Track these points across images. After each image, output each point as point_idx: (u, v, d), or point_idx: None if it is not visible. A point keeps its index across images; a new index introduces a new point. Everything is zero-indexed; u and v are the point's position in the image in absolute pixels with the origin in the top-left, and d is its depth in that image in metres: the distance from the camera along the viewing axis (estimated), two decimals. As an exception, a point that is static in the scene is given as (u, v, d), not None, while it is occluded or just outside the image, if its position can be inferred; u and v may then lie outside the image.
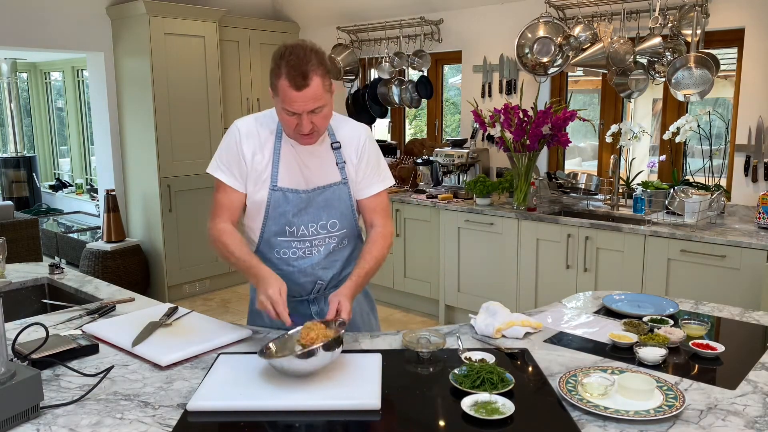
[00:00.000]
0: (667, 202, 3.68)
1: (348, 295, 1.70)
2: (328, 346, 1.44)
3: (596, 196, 4.24)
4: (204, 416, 1.36)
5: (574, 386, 1.43)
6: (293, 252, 1.86)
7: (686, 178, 4.00)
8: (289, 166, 1.80)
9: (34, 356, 1.53)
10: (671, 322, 1.86)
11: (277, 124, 1.81)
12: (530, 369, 1.59)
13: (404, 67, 5.17)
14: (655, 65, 3.82)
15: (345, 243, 1.92)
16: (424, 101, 5.26)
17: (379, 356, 1.60)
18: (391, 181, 1.96)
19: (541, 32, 4.20)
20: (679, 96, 3.65)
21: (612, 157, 4.13)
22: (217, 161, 1.83)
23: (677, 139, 3.64)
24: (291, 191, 1.80)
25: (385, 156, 2.03)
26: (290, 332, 1.61)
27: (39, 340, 1.53)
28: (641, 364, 1.59)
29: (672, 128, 3.66)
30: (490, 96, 4.75)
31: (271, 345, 1.56)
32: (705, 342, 1.69)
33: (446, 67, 5.41)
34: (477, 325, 1.83)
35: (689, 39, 3.65)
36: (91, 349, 1.68)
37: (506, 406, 1.33)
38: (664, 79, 3.78)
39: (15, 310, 2.29)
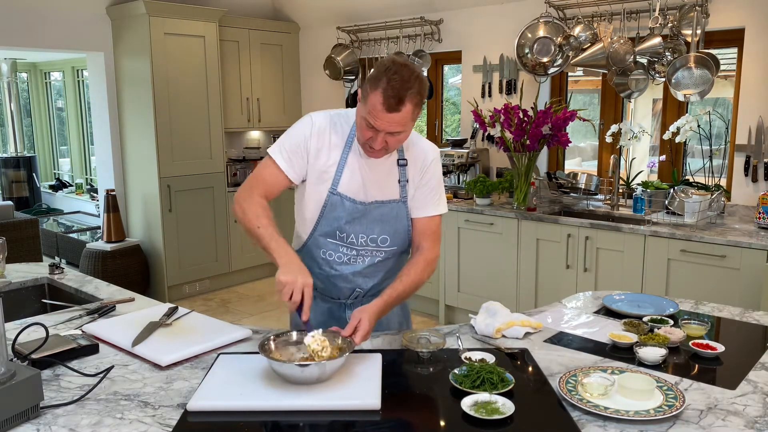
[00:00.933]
0: (667, 202, 3.68)
1: (371, 314, 1.65)
2: (328, 364, 1.43)
3: (596, 196, 4.24)
4: (204, 416, 1.36)
5: (574, 386, 1.43)
6: (339, 256, 1.84)
7: (686, 178, 4.00)
8: (352, 173, 1.78)
9: (34, 356, 1.53)
10: (671, 322, 1.86)
11: (351, 129, 1.78)
12: (530, 369, 1.59)
13: (404, 67, 5.16)
14: (655, 65, 3.82)
15: (392, 257, 1.89)
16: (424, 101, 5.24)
17: (379, 356, 1.60)
18: (446, 209, 1.91)
19: (541, 32, 4.20)
20: (679, 96, 3.65)
21: (612, 157, 4.13)
22: (279, 145, 1.80)
23: (677, 139, 3.64)
24: (349, 199, 1.78)
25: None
26: (293, 333, 1.60)
27: (39, 340, 1.53)
28: (641, 364, 1.59)
29: (672, 128, 3.66)
30: (490, 96, 4.75)
31: (271, 342, 1.56)
32: (705, 342, 1.69)
33: (446, 67, 5.41)
34: (477, 325, 1.83)
35: (689, 39, 3.65)
36: (91, 349, 1.68)
37: (506, 406, 1.33)
38: (664, 79, 3.78)
39: (15, 310, 2.29)
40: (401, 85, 1.58)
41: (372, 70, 1.65)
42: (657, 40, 3.71)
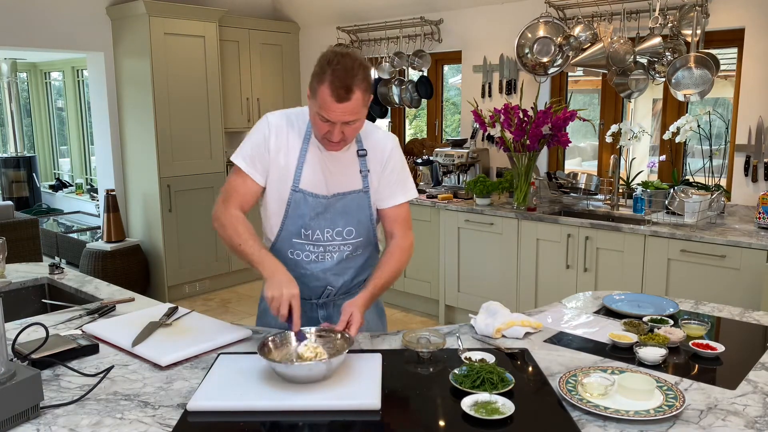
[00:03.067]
0: (667, 202, 3.68)
1: (361, 305, 1.68)
2: (329, 362, 1.44)
3: (596, 196, 4.24)
4: (204, 416, 1.36)
5: (574, 386, 1.43)
6: (306, 255, 1.85)
7: (686, 178, 4.00)
8: (313, 168, 1.79)
9: (34, 356, 1.53)
10: (671, 322, 1.86)
11: (307, 125, 1.80)
12: (530, 369, 1.59)
13: (404, 67, 5.17)
14: (655, 65, 3.82)
15: (359, 251, 1.90)
16: (424, 101, 5.26)
17: (379, 356, 1.60)
18: (415, 194, 1.93)
19: (541, 32, 4.20)
20: (679, 96, 3.65)
21: (612, 157, 4.13)
22: (242, 150, 1.82)
23: (677, 139, 3.64)
24: (311, 195, 1.79)
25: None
26: (291, 333, 1.61)
27: (39, 340, 1.53)
28: (641, 364, 1.59)
29: (672, 128, 3.66)
30: (490, 96, 4.75)
31: (270, 343, 1.56)
32: (705, 342, 1.68)
33: (446, 67, 5.41)
34: (477, 325, 1.83)
35: (689, 39, 3.65)
36: (91, 349, 1.68)
37: (506, 406, 1.33)
38: (664, 79, 3.78)
39: (15, 310, 2.28)
40: (346, 74, 1.59)
41: (315, 65, 1.66)
42: (657, 40, 3.71)
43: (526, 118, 4.04)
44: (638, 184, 4.01)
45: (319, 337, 1.61)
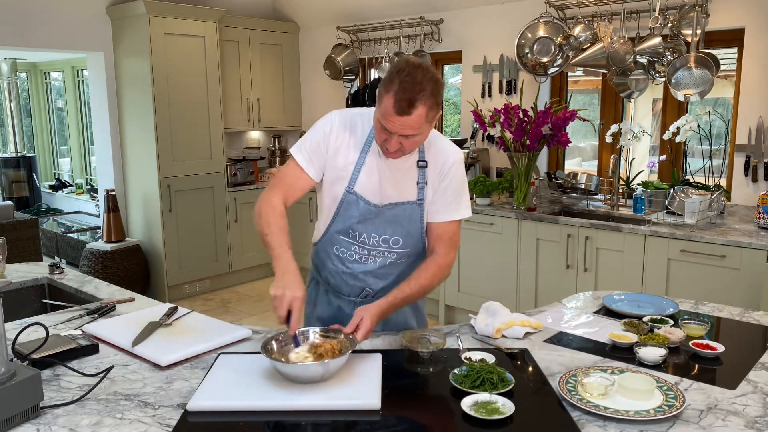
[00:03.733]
0: (667, 202, 3.68)
1: (374, 313, 1.64)
2: (332, 362, 1.44)
3: (596, 196, 4.23)
4: (204, 416, 1.36)
5: (574, 386, 1.43)
6: (350, 254, 1.85)
7: (686, 178, 4.00)
8: (370, 174, 1.77)
9: (34, 356, 1.53)
10: (671, 322, 1.86)
11: (371, 128, 1.77)
12: (530, 369, 1.59)
13: (404, 67, 5.16)
14: (655, 65, 3.82)
15: (404, 260, 1.88)
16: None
17: (379, 356, 1.60)
18: (468, 214, 1.87)
19: (541, 32, 4.20)
20: (679, 96, 3.65)
21: (612, 157, 4.13)
22: (300, 143, 1.81)
23: (677, 139, 3.64)
24: (363, 200, 1.78)
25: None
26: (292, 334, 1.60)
27: (39, 340, 1.53)
28: (641, 364, 1.59)
29: (672, 128, 3.66)
30: (490, 96, 4.75)
31: (273, 343, 1.55)
32: (705, 342, 1.69)
33: (446, 67, 5.41)
34: (477, 325, 1.83)
35: (689, 39, 3.65)
36: (91, 349, 1.68)
37: (506, 406, 1.33)
38: (664, 79, 3.78)
39: (15, 310, 2.28)
40: (412, 87, 1.55)
41: (387, 70, 1.63)
42: (657, 40, 3.71)
43: (526, 118, 4.04)
44: (638, 184, 4.01)
45: (325, 337, 1.61)
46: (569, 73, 4.60)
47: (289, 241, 1.71)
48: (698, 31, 3.61)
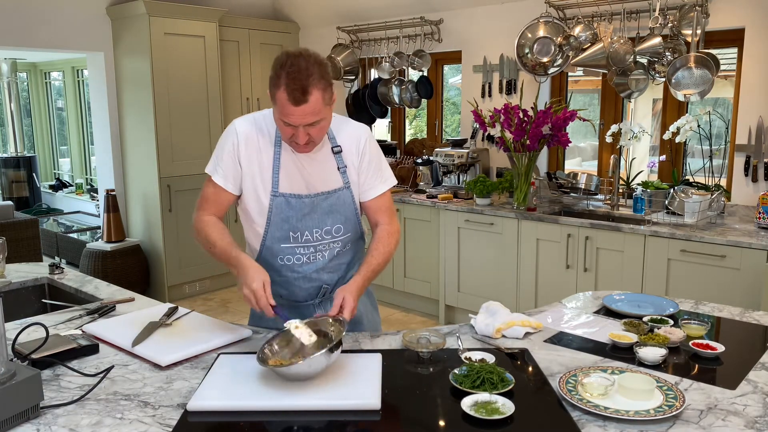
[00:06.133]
0: (667, 202, 3.68)
1: (354, 290, 1.68)
2: (327, 353, 1.43)
3: (596, 196, 4.24)
4: (204, 416, 1.36)
5: (574, 386, 1.43)
6: (297, 258, 1.84)
7: (686, 178, 4.00)
8: (289, 171, 1.78)
9: (34, 356, 1.53)
10: (671, 322, 1.86)
11: (276, 128, 1.78)
12: (530, 369, 1.59)
13: (404, 67, 5.17)
14: (655, 65, 3.82)
15: (348, 246, 1.91)
16: (424, 101, 5.26)
17: (379, 356, 1.60)
18: (394, 181, 1.93)
19: (541, 32, 4.20)
20: (679, 96, 3.65)
21: (612, 157, 4.13)
22: (213, 160, 1.84)
23: (677, 139, 3.64)
24: (293, 196, 1.78)
25: (385, 156, 2.02)
26: (284, 332, 1.59)
27: (39, 340, 1.53)
28: (641, 364, 1.59)
29: (672, 128, 3.66)
30: (490, 96, 4.75)
31: (266, 350, 1.54)
32: (705, 342, 1.68)
33: (446, 67, 5.41)
34: (477, 325, 1.83)
35: (689, 39, 3.65)
36: (91, 349, 1.68)
37: (506, 406, 1.33)
38: (664, 79, 3.78)
39: (15, 310, 2.28)
40: (300, 74, 1.57)
41: (270, 70, 1.64)
42: (657, 40, 3.71)
43: (526, 118, 4.04)
44: (638, 184, 4.01)
45: (312, 322, 1.61)
46: (569, 73, 4.60)
47: (234, 241, 1.76)
48: (698, 31, 3.61)
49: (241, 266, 1.68)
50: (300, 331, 1.55)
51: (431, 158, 4.82)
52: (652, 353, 1.59)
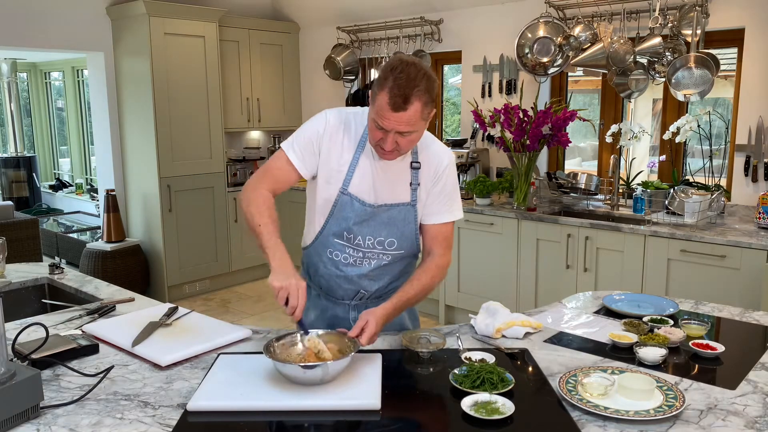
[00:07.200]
0: (667, 202, 3.68)
1: (379, 317, 1.64)
2: (333, 365, 1.43)
3: (596, 196, 4.23)
4: (204, 416, 1.36)
5: (574, 386, 1.43)
6: (345, 257, 1.83)
7: (686, 178, 4.00)
8: (363, 174, 1.77)
9: (34, 356, 1.53)
10: (671, 322, 1.86)
11: (364, 129, 1.76)
12: (530, 369, 1.59)
13: (404, 67, 5.16)
14: (655, 65, 3.82)
15: (399, 262, 1.88)
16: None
17: (379, 356, 1.60)
18: (461, 215, 1.88)
19: (541, 32, 4.20)
20: (679, 96, 3.65)
21: (612, 157, 4.13)
22: (292, 139, 1.79)
23: (677, 139, 3.64)
24: (358, 200, 1.77)
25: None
26: (296, 334, 1.59)
27: (39, 340, 1.53)
28: (641, 364, 1.59)
29: (672, 128, 3.66)
30: (490, 96, 4.75)
31: (276, 344, 1.54)
32: (705, 342, 1.69)
33: (446, 67, 5.41)
34: (477, 325, 1.83)
35: (689, 39, 3.65)
36: (91, 349, 1.68)
37: (506, 406, 1.33)
38: (664, 79, 3.78)
39: (15, 310, 2.28)
40: (407, 83, 1.56)
41: (380, 70, 1.63)
42: (657, 40, 3.71)
43: (526, 118, 4.04)
44: (638, 184, 4.01)
45: (330, 334, 1.61)
46: (569, 73, 4.60)
47: (278, 231, 1.70)
48: (698, 31, 3.61)
49: (281, 262, 1.62)
50: (315, 342, 1.54)
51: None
52: (652, 353, 1.59)
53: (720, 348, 1.64)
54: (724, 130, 3.82)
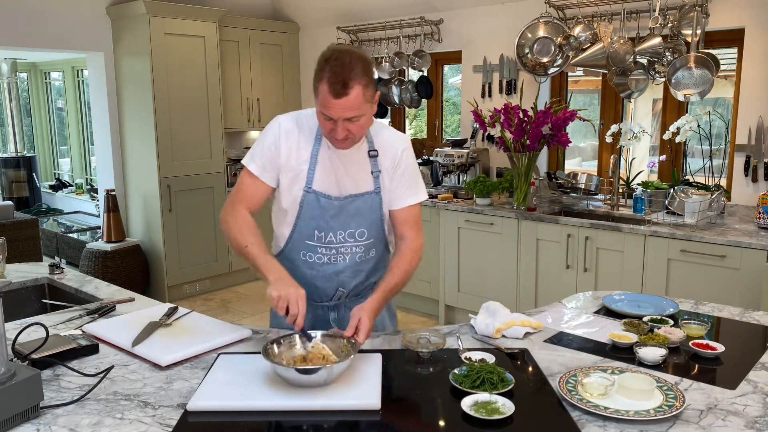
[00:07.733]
0: (667, 202, 3.68)
1: (371, 311, 1.65)
2: (336, 367, 1.43)
3: (596, 196, 4.23)
4: (204, 416, 1.36)
5: (574, 386, 1.43)
6: (318, 257, 1.84)
7: (686, 178, 4.00)
8: (325, 170, 1.79)
9: (34, 356, 1.53)
10: (671, 322, 1.86)
11: (318, 125, 1.79)
12: (530, 369, 1.59)
13: (404, 67, 5.17)
14: (655, 65, 3.82)
15: (372, 253, 1.89)
16: (424, 101, 5.26)
17: (379, 356, 1.60)
18: (425, 196, 1.91)
19: (541, 32, 4.20)
20: (679, 96, 3.65)
21: (612, 157, 4.13)
22: (253, 153, 1.82)
23: (677, 139, 3.64)
24: (324, 196, 1.78)
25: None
26: (295, 336, 1.59)
27: (39, 340, 1.53)
28: (641, 364, 1.59)
29: (672, 128, 3.66)
30: (490, 96, 4.75)
31: (274, 346, 1.54)
32: (705, 342, 1.69)
33: (446, 67, 5.41)
34: (477, 325, 1.83)
35: (689, 39, 3.65)
36: (91, 349, 1.68)
37: (506, 406, 1.33)
38: (664, 79, 3.78)
39: (15, 310, 2.28)
40: (342, 69, 1.59)
41: (316, 65, 1.66)
42: (657, 40, 3.71)
43: (526, 118, 4.04)
44: (638, 184, 4.01)
45: (327, 337, 1.61)
46: (569, 73, 4.60)
47: (265, 246, 1.74)
48: (698, 31, 3.61)
49: (279, 275, 1.65)
50: (320, 347, 1.55)
51: (431, 158, 4.82)
52: (652, 353, 1.59)
53: (720, 348, 1.64)
54: (724, 130, 3.82)
